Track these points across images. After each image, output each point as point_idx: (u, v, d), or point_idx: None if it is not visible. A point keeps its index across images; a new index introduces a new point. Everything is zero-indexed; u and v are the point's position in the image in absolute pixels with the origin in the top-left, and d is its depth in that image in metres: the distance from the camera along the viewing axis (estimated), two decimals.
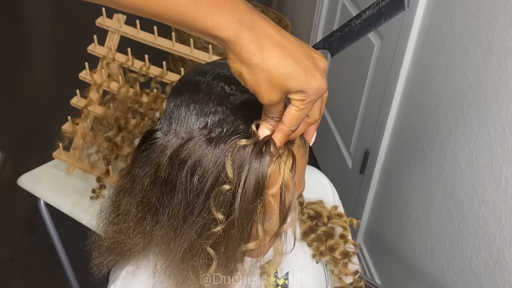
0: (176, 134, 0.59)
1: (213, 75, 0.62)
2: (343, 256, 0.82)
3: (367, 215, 1.90)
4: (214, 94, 0.59)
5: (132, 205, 0.63)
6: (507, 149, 1.11)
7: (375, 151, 1.77)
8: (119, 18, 1.39)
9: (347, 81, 2.08)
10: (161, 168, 0.60)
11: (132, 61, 1.40)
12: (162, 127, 0.61)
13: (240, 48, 0.49)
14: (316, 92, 0.53)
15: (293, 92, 0.52)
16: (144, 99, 1.37)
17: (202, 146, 0.57)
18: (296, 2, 2.86)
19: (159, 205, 0.61)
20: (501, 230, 1.13)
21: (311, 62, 0.53)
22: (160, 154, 0.60)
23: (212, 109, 0.58)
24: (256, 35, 0.49)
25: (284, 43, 0.51)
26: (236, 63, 0.50)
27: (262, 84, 0.51)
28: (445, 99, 1.36)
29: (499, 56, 1.13)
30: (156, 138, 0.61)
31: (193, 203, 0.58)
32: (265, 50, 0.49)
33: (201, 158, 0.57)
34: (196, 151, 0.57)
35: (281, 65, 0.50)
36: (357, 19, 0.63)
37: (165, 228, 0.62)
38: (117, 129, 1.37)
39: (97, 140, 1.41)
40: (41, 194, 1.47)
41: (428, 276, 1.46)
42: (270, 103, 0.52)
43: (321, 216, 0.83)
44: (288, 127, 0.54)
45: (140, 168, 0.62)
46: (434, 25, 1.41)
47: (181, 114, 0.59)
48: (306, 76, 0.52)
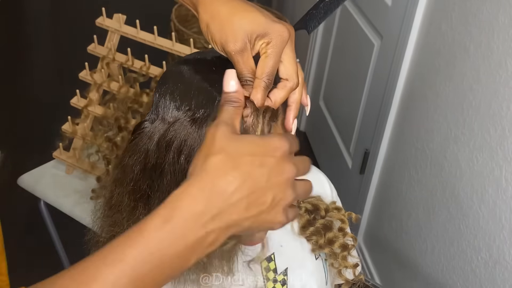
0: (162, 120, 0.62)
1: (195, 62, 0.64)
2: (342, 249, 0.83)
3: (367, 215, 1.90)
4: (197, 78, 0.62)
5: (124, 195, 0.65)
6: (507, 149, 1.11)
7: (375, 151, 1.77)
8: (119, 18, 1.39)
9: (347, 81, 2.08)
10: (150, 154, 0.62)
11: (132, 61, 1.40)
12: (149, 118, 0.64)
13: None
14: (279, 34, 0.56)
15: (256, 39, 0.56)
16: (144, 99, 1.37)
17: (187, 126, 0.60)
18: (296, 2, 2.86)
19: (150, 191, 0.62)
20: (501, 230, 1.13)
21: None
22: (148, 141, 0.62)
23: (196, 92, 0.61)
24: None
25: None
26: (204, 15, 0.57)
27: (227, 31, 0.56)
28: (445, 99, 1.36)
29: (499, 56, 1.13)
30: (144, 127, 0.63)
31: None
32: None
33: (187, 138, 0.59)
34: (181, 132, 0.60)
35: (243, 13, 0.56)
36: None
37: None
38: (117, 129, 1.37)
39: (97, 140, 1.40)
40: (41, 194, 1.47)
41: (428, 276, 1.46)
42: (236, 49, 0.56)
43: (319, 209, 0.84)
44: (260, 76, 0.56)
45: (130, 157, 0.64)
46: (434, 25, 1.41)
47: (166, 101, 0.62)
48: (266, 20, 0.56)
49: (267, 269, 0.78)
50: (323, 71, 2.32)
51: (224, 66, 0.59)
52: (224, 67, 0.57)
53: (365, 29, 1.85)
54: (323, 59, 2.33)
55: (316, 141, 2.47)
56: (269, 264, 0.78)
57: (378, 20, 1.76)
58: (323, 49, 2.32)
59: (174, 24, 2.49)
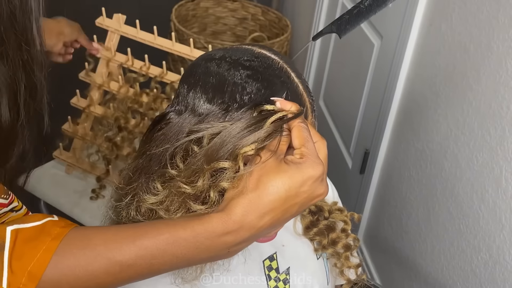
0: (192, 112, 0.62)
1: (224, 57, 0.65)
2: (345, 249, 0.83)
3: (367, 215, 1.90)
4: (229, 72, 0.63)
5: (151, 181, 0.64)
6: (507, 149, 1.11)
7: (375, 151, 1.77)
8: (119, 18, 1.39)
9: (347, 81, 2.08)
10: (180, 145, 0.62)
11: (132, 61, 1.40)
12: (175, 109, 0.64)
13: None
14: None
15: None
16: (144, 99, 1.37)
17: (221, 119, 0.61)
18: (296, 2, 2.86)
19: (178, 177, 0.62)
20: (501, 230, 1.13)
21: None
22: (178, 131, 0.62)
23: (229, 88, 0.61)
24: None
25: None
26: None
27: None
28: (445, 99, 1.36)
29: (499, 56, 1.13)
30: (170, 118, 0.64)
31: None
32: None
33: (220, 130, 0.60)
34: (215, 124, 0.60)
35: None
36: (366, 1, 0.67)
37: None
38: (117, 129, 1.37)
39: (97, 140, 1.41)
40: (41, 194, 1.47)
41: (428, 276, 1.46)
42: None
43: (322, 210, 0.84)
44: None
45: (157, 146, 0.64)
46: (434, 25, 1.41)
47: (197, 93, 0.63)
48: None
49: (269, 268, 0.78)
50: (323, 71, 2.32)
51: (257, 59, 0.63)
52: (257, 60, 0.61)
53: (365, 29, 1.85)
54: (323, 59, 2.33)
55: None
56: (271, 263, 0.79)
57: (378, 20, 1.76)
58: (323, 49, 2.32)
59: (174, 24, 2.49)
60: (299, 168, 0.54)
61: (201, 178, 0.58)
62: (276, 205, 0.54)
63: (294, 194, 0.54)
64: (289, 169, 0.54)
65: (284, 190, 0.54)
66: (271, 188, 0.54)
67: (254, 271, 0.77)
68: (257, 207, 0.53)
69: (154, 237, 0.54)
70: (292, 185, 0.54)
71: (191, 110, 0.63)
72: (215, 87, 0.62)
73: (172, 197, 0.60)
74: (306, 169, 0.55)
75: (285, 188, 0.54)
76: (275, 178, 0.54)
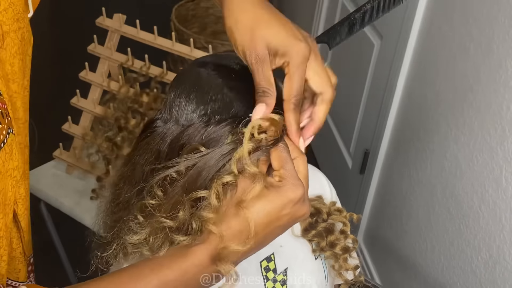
0: (176, 122, 0.61)
1: (214, 65, 0.63)
2: (343, 251, 0.83)
3: (367, 215, 1.90)
4: (214, 83, 0.61)
5: (132, 193, 0.64)
6: (507, 149, 1.11)
7: (375, 151, 1.77)
8: (119, 18, 1.39)
9: (347, 81, 2.08)
10: (161, 155, 0.61)
11: (132, 61, 1.40)
12: (162, 116, 0.63)
13: None
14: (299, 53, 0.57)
15: (276, 55, 0.57)
16: (144, 99, 1.37)
17: (201, 131, 0.60)
18: (296, 2, 2.86)
19: None
20: (501, 230, 1.13)
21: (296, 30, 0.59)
22: (161, 141, 0.62)
23: (213, 97, 0.60)
24: None
25: None
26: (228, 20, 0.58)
27: (249, 40, 0.56)
28: (445, 99, 1.36)
29: (499, 56, 1.13)
30: (156, 127, 0.63)
31: None
32: None
33: (196, 161, 0.58)
34: (195, 137, 0.60)
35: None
36: (357, 13, 0.67)
37: None
38: (117, 129, 1.37)
39: (97, 140, 1.40)
40: (41, 194, 1.47)
41: (428, 276, 1.46)
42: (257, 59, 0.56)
43: (321, 212, 0.84)
44: (288, 98, 0.58)
45: (141, 155, 0.64)
46: (434, 25, 1.41)
47: (182, 102, 0.61)
48: (287, 36, 0.57)
49: (266, 269, 0.78)
50: None
51: (243, 74, 0.60)
52: (243, 75, 0.58)
53: (365, 29, 1.85)
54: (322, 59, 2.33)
55: (316, 141, 2.47)
56: (269, 264, 0.78)
57: (378, 20, 1.75)
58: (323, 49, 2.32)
59: (174, 24, 2.49)
60: (278, 192, 0.54)
61: (182, 210, 0.57)
62: (258, 229, 0.53)
63: (276, 218, 0.54)
64: (269, 194, 0.54)
65: (264, 216, 0.53)
66: (251, 214, 0.53)
67: (251, 272, 0.77)
68: (239, 234, 0.53)
69: (143, 286, 0.53)
70: (272, 210, 0.54)
71: (175, 119, 0.62)
72: (199, 98, 0.61)
73: (155, 233, 0.59)
74: (286, 192, 0.54)
75: (265, 213, 0.53)
76: (254, 204, 0.53)
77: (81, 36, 1.68)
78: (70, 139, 1.48)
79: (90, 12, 1.52)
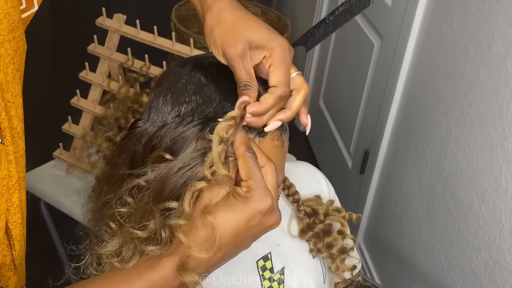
0: (153, 123, 0.61)
1: (192, 66, 0.63)
2: (340, 253, 0.82)
3: (367, 215, 1.90)
4: (190, 84, 0.61)
5: (111, 193, 0.64)
6: (507, 149, 1.11)
7: (375, 151, 1.77)
8: (119, 18, 1.39)
9: (347, 81, 2.08)
10: (137, 156, 0.61)
11: (132, 61, 1.40)
12: (143, 117, 0.63)
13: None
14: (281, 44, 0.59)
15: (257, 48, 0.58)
16: (144, 99, 1.37)
17: (171, 132, 0.59)
18: (296, 2, 2.86)
19: None
20: (501, 230, 1.13)
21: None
22: (137, 142, 0.62)
23: (187, 99, 0.60)
24: None
25: None
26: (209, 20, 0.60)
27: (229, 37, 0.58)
28: (445, 99, 1.36)
29: (499, 56, 1.13)
30: (136, 127, 0.63)
31: None
32: None
33: (171, 145, 0.59)
34: (167, 138, 0.59)
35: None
36: (331, 16, 0.69)
37: None
38: (117, 129, 1.37)
39: (97, 140, 1.41)
40: (41, 194, 1.47)
41: (428, 276, 1.46)
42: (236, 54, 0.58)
43: (318, 213, 0.83)
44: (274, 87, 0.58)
45: (119, 156, 0.64)
46: (434, 25, 1.41)
47: (159, 103, 0.61)
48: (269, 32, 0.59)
49: (263, 268, 0.78)
50: (323, 71, 2.32)
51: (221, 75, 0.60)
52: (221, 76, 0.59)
53: (365, 29, 1.85)
54: (323, 59, 2.33)
55: (316, 141, 2.47)
56: (266, 263, 0.78)
57: (378, 20, 1.76)
58: (323, 49, 2.32)
59: (174, 24, 2.49)
60: (246, 203, 0.53)
61: (152, 220, 0.56)
62: (226, 240, 0.53)
63: (244, 229, 0.54)
64: (237, 204, 0.53)
65: (232, 227, 0.53)
66: (218, 225, 0.53)
67: (248, 271, 0.76)
68: (208, 245, 0.53)
69: None
70: (240, 221, 0.53)
71: (152, 120, 0.62)
72: (174, 99, 0.61)
73: (126, 243, 0.58)
74: (254, 203, 0.53)
75: (232, 224, 0.53)
76: (222, 215, 0.53)
77: (81, 36, 1.68)
78: (70, 139, 1.48)
79: (90, 12, 1.52)
